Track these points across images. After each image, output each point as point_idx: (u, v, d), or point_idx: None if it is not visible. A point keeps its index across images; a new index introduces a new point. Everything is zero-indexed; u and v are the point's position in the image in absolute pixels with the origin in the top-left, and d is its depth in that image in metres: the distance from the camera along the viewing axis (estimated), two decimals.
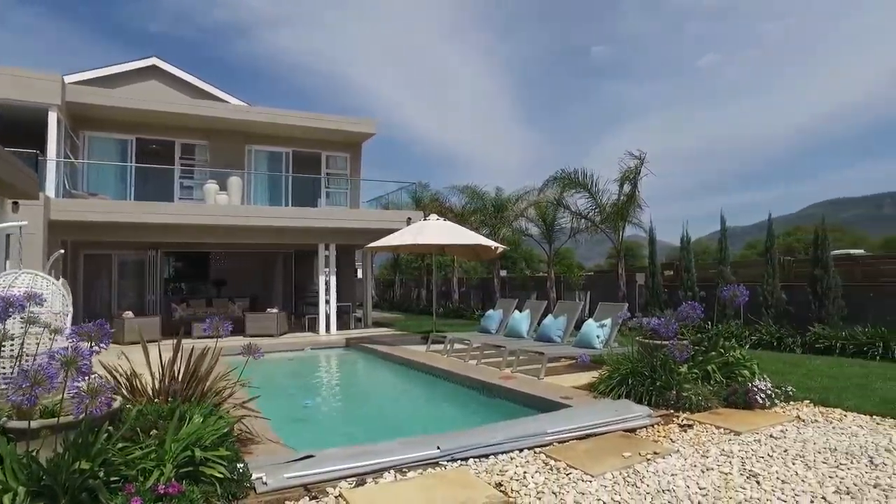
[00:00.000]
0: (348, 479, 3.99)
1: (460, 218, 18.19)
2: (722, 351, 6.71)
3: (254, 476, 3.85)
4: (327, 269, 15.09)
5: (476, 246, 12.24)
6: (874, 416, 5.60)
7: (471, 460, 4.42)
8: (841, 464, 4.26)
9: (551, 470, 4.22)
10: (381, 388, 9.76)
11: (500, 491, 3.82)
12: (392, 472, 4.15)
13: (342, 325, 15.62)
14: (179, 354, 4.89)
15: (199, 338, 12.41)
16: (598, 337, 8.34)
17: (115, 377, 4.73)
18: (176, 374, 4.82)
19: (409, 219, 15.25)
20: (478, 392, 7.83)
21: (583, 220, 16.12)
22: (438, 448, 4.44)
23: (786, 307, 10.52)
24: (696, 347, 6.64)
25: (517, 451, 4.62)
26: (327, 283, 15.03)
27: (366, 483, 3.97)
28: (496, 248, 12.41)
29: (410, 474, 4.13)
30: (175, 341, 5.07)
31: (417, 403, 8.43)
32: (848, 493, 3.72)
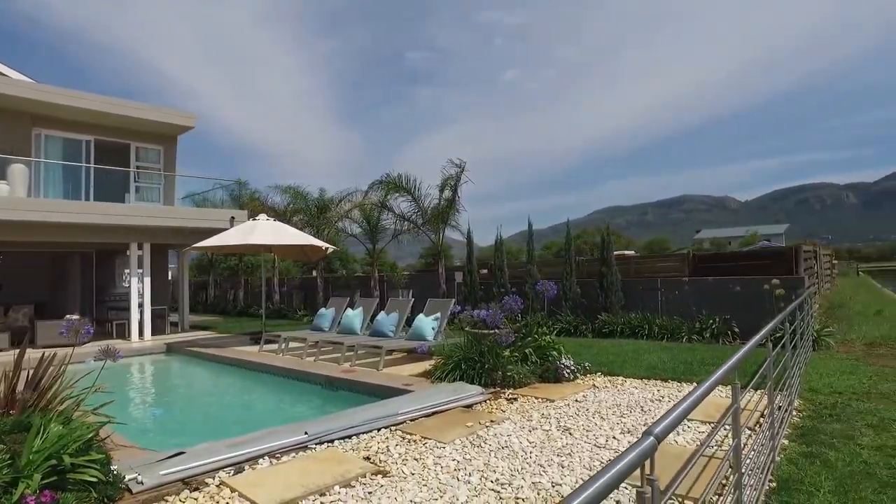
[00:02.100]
0: (226, 469, 4.20)
1: (282, 218, 18.01)
2: (536, 337, 7.95)
3: (127, 477, 3.88)
4: (140, 270, 13.99)
5: (307, 246, 12.44)
6: (643, 379, 7.23)
7: (336, 442, 4.88)
8: (624, 413, 5.57)
9: (409, 442, 4.86)
10: (222, 390, 9.51)
11: (371, 462, 4.36)
12: (267, 458, 4.44)
13: (157, 330, 14.58)
14: (20, 364, 4.56)
15: None
16: (433, 329, 9.19)
17: None
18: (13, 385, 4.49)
19: (233, 218, 14.80)
20: (321, 386, 8.18)
21: (406, 223, 17.07)
22: (306, 433, 4.82)
23: (580, 300, 12.50)
24: (517, 334, 7.80)
25: (376, 431, 5.19)
26: (140, 286, 13.93)
27: (244, 470, 4.22)
28: (326, 249, 12.74)
29: (284, 458, 4.47)
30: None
31: (263, 401, 8.49)
32: (629, 432, 4.96)
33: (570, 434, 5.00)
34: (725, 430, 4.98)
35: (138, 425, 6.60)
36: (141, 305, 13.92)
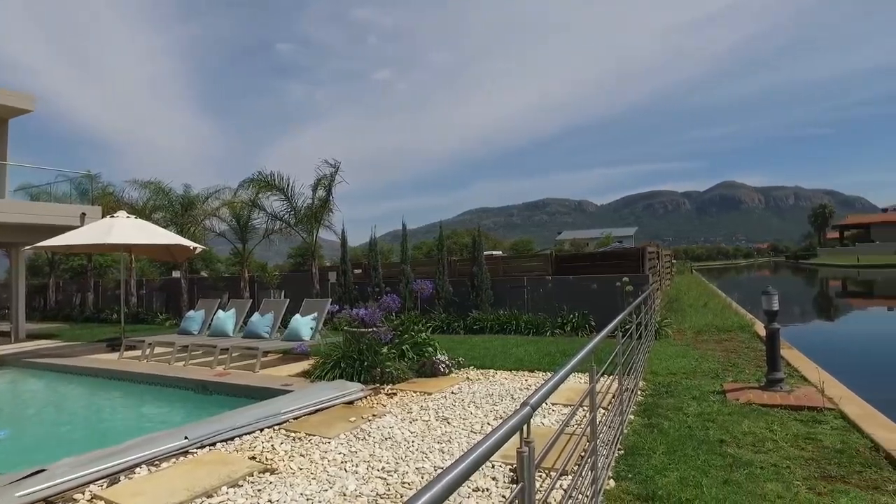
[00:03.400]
0: (99, 482, 4.02)
1: (140, 215, 16.76)
2: (413, 334, 8.28)
3: None
4: None
5: (173, 246, 11.78)
6: (512, 371, 7.84)
7: (220, 444, 4.83)
8: (496, 402, 6.06)
9: (294, 439, 4.95)
10: (77, 403, 8.67)
11: (257, 461, 4.40)
12: (145, 466, 4.30)
13: None
14: None
15: None
16: (310, 329, 9.18)
17: None
18: None
19: (84, 215, 13.56)
20: (192, 391, 7.86)
21: (278, 222, 16.67)
22: (186, 438, 4.72)
23: (452, 298, 13.06)
24: (394, 332, 8.08)
25: (259, 431, 5.20)
26: None
27: (120, 481, 4.06)
28: (194, 248, 12.13)
29: (164, 465, 4.36)
30: None
31: (129, 411, 7.94)
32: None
33: (449, 423, 5.36)
34: (584, 409, 5.64)
35: None
36: None
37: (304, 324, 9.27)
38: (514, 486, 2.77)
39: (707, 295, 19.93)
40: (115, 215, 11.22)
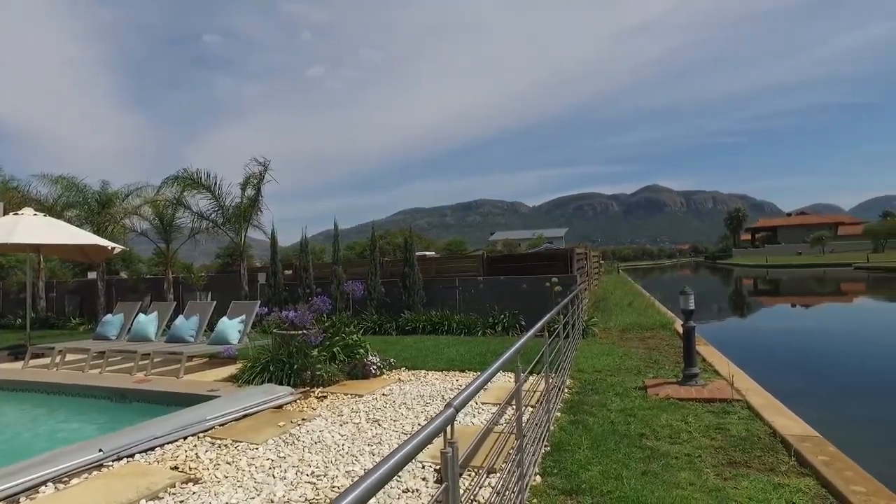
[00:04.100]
0: None
1: (51, 213, 15.71)
2: (344, 336, 8.19)
3: None
4: None
5: (88, 246, 11.12)
6: (443, 371, 7.91)
7: (137, 456, 4.61)
8: (427, 403, 6.10)
9: (220, 447, 4.79)
10: None
11: (179, 472, 4.23)
12: (51, 484, 4.04)
13: None
14: None
15: None
16: (238, 332, 8.91)
17: None
18: None
19: None
20: (109, 400, 7.45)
21: (205, 221, 16.05)
22: (101, 450, 4.47)
23: (384, 299, 13.00)
24: (325, 334, 7.96)
25: (182, 439, 5.00)
26: None
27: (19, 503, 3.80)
28: (112, 249, 11.50)
29: (75, 481, 4.12)
30: None
31: (37, 425, 7.40)
32: (430, 419, 5.46)
33: (380, 425, 5.35)
34: (513, 407, 5.77)
35: None
36: None
37: (231, 326, 8.99)
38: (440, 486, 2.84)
39: (632, 294, 20.81)
40: (20, 213, 10.45)
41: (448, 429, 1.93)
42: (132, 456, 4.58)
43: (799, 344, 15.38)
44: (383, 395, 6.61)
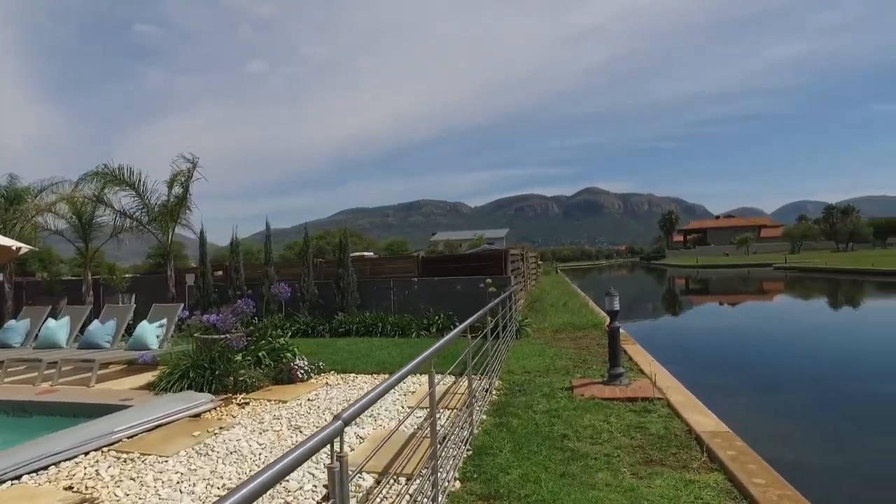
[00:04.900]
0: None
1: None
2: (270, 339, 7.90)
3: None
4: None
5: None
6: (374, 374, 7.77)
7: (25, 477, 4.22)
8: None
9: (125, 461, 4.49)
10: None
11: (74, 492, 3.92)
12: None
13: None
14: None
15: None
16: (157, 337, 8.45)
17: None
18: None
19: None
20: (6, 415, 6.86)
21: (128, 220, 15.21)
22: None
23: (318, 300, 12.68)
24: (250, 338, 7.66)
25: (83, 455, 4.65)
26: None
27: None
28: (18, 249, 10.68)
29: None
30: None
31: None
32: (356, 424, 5.33)
33: (301, 432, 5.16)
34: (440, 410, 5.70)
35: None
36: None
37: (150, 331, 8.52)
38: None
39: (567, 295, 21.23)
40: None
41: (336, 441, 1.82)
42: (19, 478, 4.20)
43: (722, 341, 16.11)
44: (308, 400, 6.40)
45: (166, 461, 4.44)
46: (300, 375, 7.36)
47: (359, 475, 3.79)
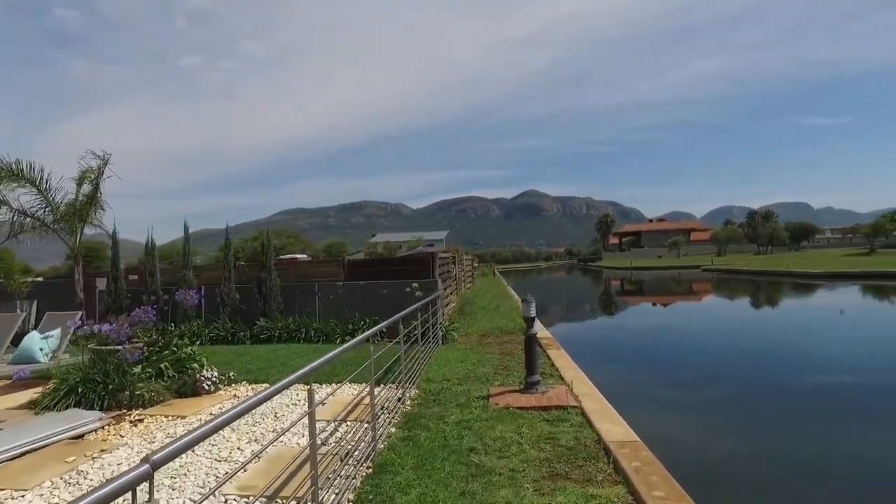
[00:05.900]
0: None
1: None
2: (175, 349, 7.37)
3: None
4: None
5: None
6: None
7: None
8: (257, 422, 5.58)
9: None
10: None
11: None
12: None
13: None
14: None
15: None
16: (41, 350, 7.74)
17: None
18: None
19: None
20: None
21: (29, 220, 14.06)
22: None
23: (239, 305, 12.07)
24: (151, 348, 7.11)
25: None
26: None
27: None
28: None
29: None
30: None
31: None
32: (255, 441, 4.97)
33: (193, 452, 4.75)
34: (350, 422, 5.40)
35: None
36: None
37: (39, 342, 7.80)
38: None
39: (501, 297, 21.27)
40: None
41: (144, 486, 1.53)
42: None
43: (649, 342, 16.50)
44: (211, 414, 5.96)
45: (24, 495, 3.95)
46: (206, 387, 6.88)
47: None
